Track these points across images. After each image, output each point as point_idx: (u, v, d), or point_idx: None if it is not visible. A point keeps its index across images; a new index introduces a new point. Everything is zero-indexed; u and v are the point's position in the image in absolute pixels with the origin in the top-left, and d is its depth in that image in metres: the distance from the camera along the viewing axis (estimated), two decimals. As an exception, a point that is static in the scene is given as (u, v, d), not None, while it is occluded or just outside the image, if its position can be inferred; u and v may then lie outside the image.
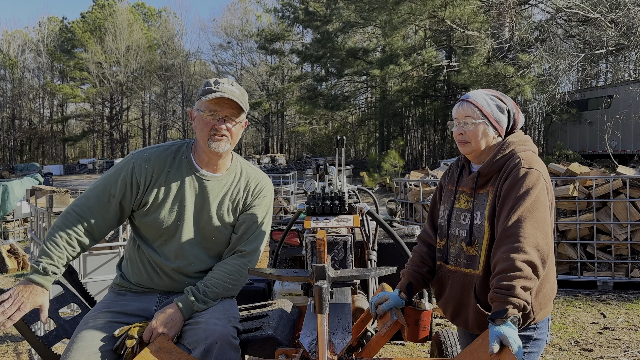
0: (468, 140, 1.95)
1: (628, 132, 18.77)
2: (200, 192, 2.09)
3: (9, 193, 11.86)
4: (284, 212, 12.37)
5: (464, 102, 1.96)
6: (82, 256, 4.64)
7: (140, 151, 2.12)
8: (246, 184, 2.18)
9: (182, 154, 2.12)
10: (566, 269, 6.09)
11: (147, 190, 2.05)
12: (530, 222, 1.71)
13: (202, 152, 2.09)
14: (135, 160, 2.07)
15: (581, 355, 4.10)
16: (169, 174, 2.07)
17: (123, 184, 2.03)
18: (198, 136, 2.06)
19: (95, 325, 1.91)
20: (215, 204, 2.10)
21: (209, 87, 2.02)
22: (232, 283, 2.07)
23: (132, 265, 2.13)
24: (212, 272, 2.07)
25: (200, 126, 2.03)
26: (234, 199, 2.14)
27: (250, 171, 2.22)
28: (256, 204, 2.18)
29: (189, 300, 1.96)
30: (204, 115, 2.01)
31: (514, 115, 1.99)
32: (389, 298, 2.09)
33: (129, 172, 2.04)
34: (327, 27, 29.04)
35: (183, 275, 2.09)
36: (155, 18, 52.85)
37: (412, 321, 2.22)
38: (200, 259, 2.10)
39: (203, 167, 2.11)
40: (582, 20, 19.68)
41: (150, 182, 2.06)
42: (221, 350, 1.85)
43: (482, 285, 1.86)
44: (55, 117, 51.03)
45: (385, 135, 34.74)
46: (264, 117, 45.95)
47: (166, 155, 2.10)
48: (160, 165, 2.07)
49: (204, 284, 2.02)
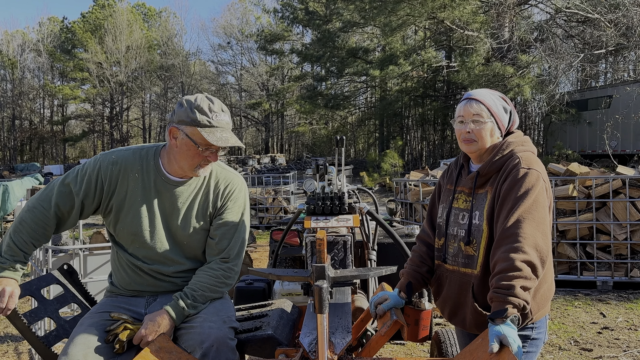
0: (475, 139, 1.93)
1: (627, 132, 18.76)
2: (169, 197, 2.06)
3: (9, 193, 11.85)
4: (284, 212, 12.38)
5: (472, 101, 1.94)
6: (82, 256, 4.65)
7: (108, 153, 2.10)
8: (215, 186, 2.12)
9: (150, 159, 2.07)
10: (566, 268, 6.09)
11: (112, 194, 2.04)
12: (530, 223, 1.72)
13: (177, 168, 2.04)
14: (102, 162, 2.05)
15: (581, 354, 4.10)
16: (136, 179, 2.04)
17: (88, 183, 2.02)
18: (180, 159, 2.00)
19: (92, 325, 1.94)
20: (184, 208, 2.07)
21: (206, 118, 1.94)
22: (219, 286, 2.06)
23: (116, 271, 2.16)
24: (197, 276, 2.06)
25: (188, 154, 1.97)
26: (203, 203, 2.10)
27: (219, 172, 2.15)
28: (228, 206, 2.12)
29: (179, 306, 1.96)
30: (199, 149, 1.95)
31: (513, 116, 2.01)
32: (389, 298, 2.09)
33: (95, 173, 2.03)
34: (327, 27, 29.02)
35: (163, 275, 2.10)
36: (155, 18, 52.81)
37: (412, 321, 2.22)
38: (177, 261, 2.10)
39: (171, 173, 2.07)
40: (581, 21, 19.69)
41: (115, 185, 2.04)
42: (218, 353, 1.86)
43: (480, 285, 1.86)
44: (55, 117, 50.99)
45: (385, 135, 34.72)
46: (264, 117, 45.92)
47: (134, 159, 2.06)
48: (127, 169, 2.05)
49: (191, 288, 2.01)
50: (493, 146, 1.95)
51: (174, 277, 2.10)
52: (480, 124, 1.92)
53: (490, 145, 1.94)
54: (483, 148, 1.94)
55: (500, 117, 1.95)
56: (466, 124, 1.94)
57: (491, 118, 1.93)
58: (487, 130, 1.93)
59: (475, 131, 1.92)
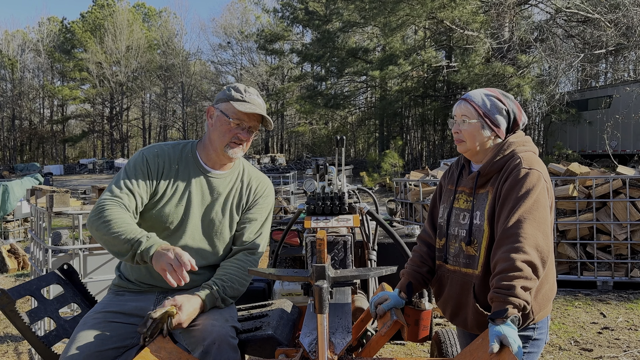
0: (463, 139, 1.96)
1: (628, 132, 18.76)
2: (207, 189, 2.14)
3: (9, 193, 11.85)
4: (284, 212, 12.37)
5: (462, 101, 1.98)
6: (82, 256, 4.65)
7: (150, 147, 2.19)
8: (248, 182, 2.23)
9: (188, 152, 2.17)
10: (566, 268, 6.09)
11: (157, 182, 2.10)
12: (531, 223, 1.72)
13: (212, 152, 2.14)
14: (147, 155, 2.13)
15: (581, 355, 4.10)
16: (177, 170, 2.12)
17: (140, 175, 2.07)
18: (214, 137, 2.10)
19: (93, 325, 1.93)
20: (220, 200, 2.15)
21: (239, 94, 2.07)
22: (245, 278, 2.10)
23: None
24: (224, 268, 2.09)
25: (221, 129, 2.08)
26: (237, 197, 2.19)
27: (251, 170, 2.27)
28: (259, 202, 2.22)
29: (214, 294, 1.96)
30: (231, 122, 2.05)
31: (515, 115, 1.97)
32: (389, 298, 2.09)
33: (144, 165, 2.10)
34: (326, 27, 29.01)
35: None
36: (155, 18, 52.83)
37: (412, 321, 2.22)
38: (202, 255, 2.11)
39: (209, 165, 2.17)
40: (581, 21, 19.69)
41: (160, 176, 2.10)
42: (219, 351, 1.85)
43: (481, 285, 1.86)
44: (55, 117, 51.01)
45: (385, 135, 34.70)
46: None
47: (174, 152, 2.16)
48: (168, 161, 2.13)
49: (221, 279, 2.03)
50: (493, 146, 1.95)
51: (194, 273, 2.08)
52: (467, 124, 1.94)
53: (481, 146, 1.95)
54: (472, 148, 1.95)
55: (490, 117, 1.93)
56: (457, 125, 1.98)
57: (479, 119, 1.93)
58: (473, 130, 1.93)
59: (463, 131, 1.95)
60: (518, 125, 1.99)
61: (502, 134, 1.96)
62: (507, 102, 1.96)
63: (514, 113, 1.97)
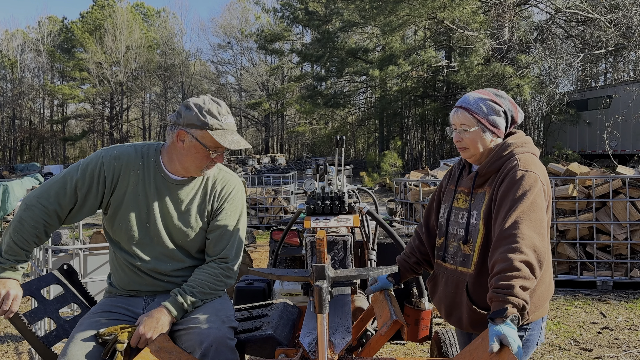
0: (466, 147, 1.99)
1: (627, 132, 18.77)
2: (168, 196, 2.07)
3: (9, 193, 11.84)
4: (284, 212, 12.38)
5: (458, 110, 1.99)
6: (82, 256, 4.65)
7: (110, 148, 2.09)
8: (213, 186, 2.13)
9: (151, 157, 2.08)
10: (566, 268, 6.09)
11: (114, 188, 2.03)
12: (527, 224, 1.73)
13: (180, 169, 2.06)
14: (104, 156, 2.04)
15: (581, 354, 4.10)
16: (137, 175, 2.05)
17: (90, 177, 2.01)
18: (187, 161, 2.02)
19: (91, 325, 1.94)
20: (182, 208, 2.08)
21: (216, 122, 1.97)
22: (218, 285, 2.07)
23: (115, 271, 2.15)
24: (196, 274, 2.06)
25: (197, 156, 2.00)
26: (201, 203, 2.11)
27: (217, 173, 2.16)
28: (225, 207, 2.12)
29: (178, 301, 1.96)
30: (210, 152, 1.99)
31: (512, 114, 2.00)
32: (378, 281, 2.24)
33: (97, 167, 2.02)
34: (326, 27, 29.00)
35: (162, 274, 2.09)
36: (155, 18, 52.78)
37: (412, 321, 2.23)
38: (175, 259, 2.10)
39: (172, 172, 2.08)
40: (581, 21, 19.69)
41: (117, 180, 2.03)
42: (217, 353, 1.85)
43: (474, 284, 1.89)
44: (55, 117, 50.96)
45: (385, 135, 34.71)
46: (264, 117, 45.91)
47: (136, 155, 2.07)
48: (129, 164, 2.04)
49: (190, 285, 2.01)
50: (492, 147, 1.97)
51: (172, 275, 2.10)
52: (468, 132, 1.96)
53: (485, 149, 1.97)
54: (477, 154, 1.98)
55: (489, 121, 1.96)
56: (457, 133, 2.00)
57: (479, 125, 1.95)
58: (475, 137, 1.96)
59: (465, 139, 1.97)
60: (516, 121, 2.02)
61: (502, 134, 2.00)
62: (502, 103, 1.98)
63: (510, 112, 2.00)
